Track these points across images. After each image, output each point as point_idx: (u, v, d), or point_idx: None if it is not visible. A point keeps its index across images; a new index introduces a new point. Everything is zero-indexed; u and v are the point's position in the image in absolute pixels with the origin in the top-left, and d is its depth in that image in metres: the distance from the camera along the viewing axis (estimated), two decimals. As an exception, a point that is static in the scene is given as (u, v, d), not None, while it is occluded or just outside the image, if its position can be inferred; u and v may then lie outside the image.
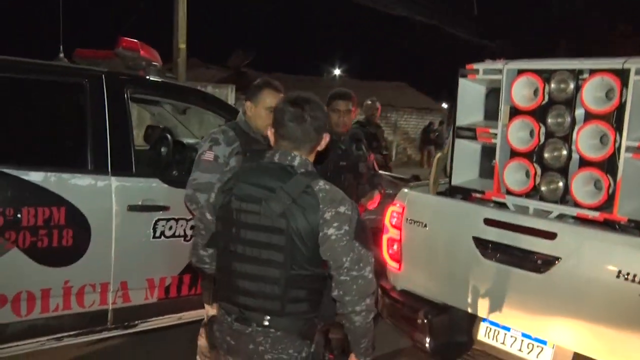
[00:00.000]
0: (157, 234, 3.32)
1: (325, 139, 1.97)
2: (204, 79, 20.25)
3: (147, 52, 3.53)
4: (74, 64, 3.59)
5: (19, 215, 2.86)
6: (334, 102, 3.50)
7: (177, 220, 3.38)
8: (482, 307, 2.92)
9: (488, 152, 3.12)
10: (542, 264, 2.62)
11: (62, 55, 3.68)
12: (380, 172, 4.14)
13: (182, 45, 9.64)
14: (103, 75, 3.21)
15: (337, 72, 27.38)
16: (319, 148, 1.98)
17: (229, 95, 12.21)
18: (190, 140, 4.98)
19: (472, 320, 3.02)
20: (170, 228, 3.38)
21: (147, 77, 3.52)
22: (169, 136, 4.75)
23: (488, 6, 16.85)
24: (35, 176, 2.93)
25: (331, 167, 3.40)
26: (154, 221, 3.30)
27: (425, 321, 3.10)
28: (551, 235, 2.59)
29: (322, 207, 1.82)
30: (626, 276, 2.35)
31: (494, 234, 2.81)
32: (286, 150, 1.92)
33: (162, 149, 4.74)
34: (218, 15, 33.49)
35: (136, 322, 3.35)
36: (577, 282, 2.51)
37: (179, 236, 3.41)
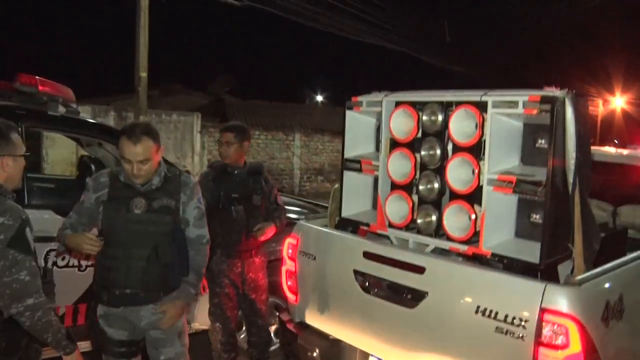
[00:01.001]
0: (49, 264, 3.27)
1: None
2: (184, 105, 20.31)
3: (48, 88, 3.52)
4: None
5: None
6: (220, 135, 3.56)
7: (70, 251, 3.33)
8: (367, 343, 2.87)
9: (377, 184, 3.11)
10: (412, 298, 2.58)
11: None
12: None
13: (143, 74, 9.66)
14: None
15: (319, 98, 27.54)
16: None
17: (194, 123, 12.26)
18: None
19: (363, 354, 2.96)
20: (63, 259, 3.34)
21: (46, 111, 3.49)
22: (92, 166, 4.73)
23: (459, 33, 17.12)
24: None
25: (223, 197, 3.40)
26: (45, 252, 3.26)
27: (315, 355, 3.05)
28: (420, 270, 2.56)
29: None
30: (483, 311, 2.31)
31: (372, 268, 2.78)
32: None
33: (87, 180, 4.70)
34: (201, 42, 33.82)
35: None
36: (442, 316, 2.47)
37: (73, 266, 3.37)
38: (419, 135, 2.75)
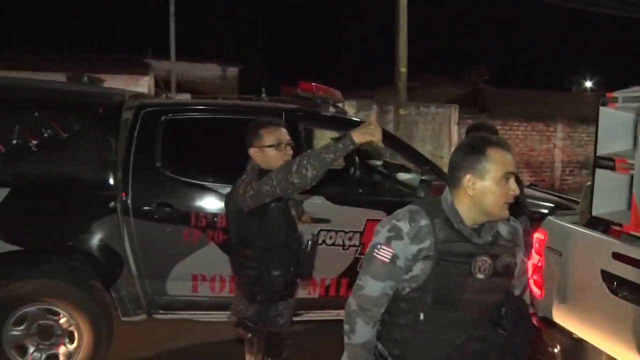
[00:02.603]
0: (319, 242, 3.90)
1: None
2: (442, 96, 20.67)
3: (322, 91, 4.15)
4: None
5: (215, 219, 3.72)
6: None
7: (336, 232, 3.91)
8: (613, 347, 2.79)
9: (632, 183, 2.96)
10: (664, 305, 2.45)
11: (264, 95, 4.56)
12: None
13: (403, 69, 10.28)
14: (283, 112, 3.93)
15: (588, 84, 25.09)
16: None
17: (452, 115, 12.48)
18: (377, 162, 5.54)
19: (609, 358, 2.89)
20: (331, 238, 3.92)
21: (319, 112, 4.14)
22: (356, 158, 5.39)
23: None
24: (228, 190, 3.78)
25: None
26: (317, 231, 3.89)
27: (557, 351, 3.07)
28: (676, 275, 2.41)
29: None
30: None
31: (621, 269, 2.69)
32: None
33: (351, 170, 5.42)
34: (461, 31, 33.60)
35: (301, 312, 3.89)
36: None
37: (338, 245, 3.94)
38: (682, 132, 2.55)
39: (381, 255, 1.82)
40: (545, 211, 4.09)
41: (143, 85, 14.15)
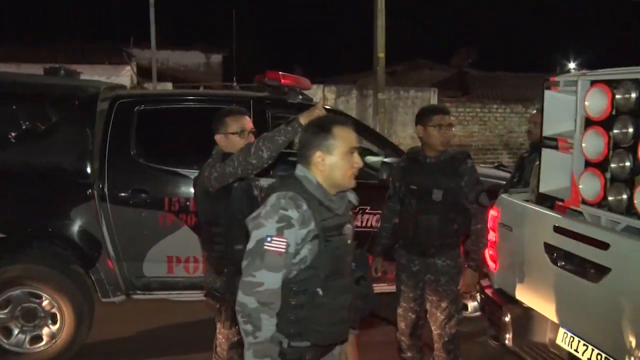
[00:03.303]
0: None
1: None
2: (427, 79, 20.84)
3: (288, 80, 4.33)
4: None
5: (188, 203, 3.90)
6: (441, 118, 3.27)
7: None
8: (555, 313, 3.02)
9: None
10: (595, 273, 2.68)
11: (235, 84, 4.74)
12: None
13: (381, 54, 10.43)
14: (251, 100, 4.11)
15: (571, 65, 25.31)
16: None
17: (431, 98, 12.67)
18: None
19: (553, 325, 3.13)
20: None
21: (286, 99, 4.32)
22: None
23: None
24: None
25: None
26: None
27: (507, 320, 3.30)
28: (604, 246, 2.64)
29: None
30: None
31: (561, 241, 2.92)
32: None
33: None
34: (447, 14, 33.67)
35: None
36: (624, 293, 2.53)
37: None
38: (613, 113, 2.76)
39: (275, 247, 1.86)
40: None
41: (125, 74, 14.17)
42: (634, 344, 2.47)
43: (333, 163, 1.99)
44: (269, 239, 1.87)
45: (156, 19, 12.69)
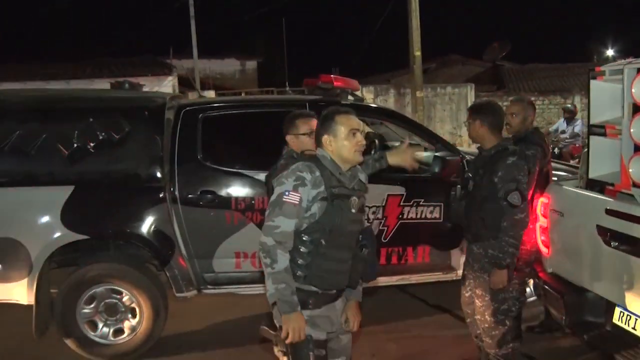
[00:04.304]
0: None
1: None
2: (460, 75, 20.81)
3: (340, 82, 4.56)
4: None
5: (252, 202, 4.18)
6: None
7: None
8: (611, 292, 3.16)
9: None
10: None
11: (287, 88, 5.00)
12: None
13: (417, 53, 10.58)
14: (307, 103, 4.36)
15: (609, 52, 24.84)
16: None
17: (468, 94, 12.74)
18: (395, 143, 5.95)
19: (609, 304, 3.27)
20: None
21: (339, 101, 4.55)
22: (376, 141, 5.80)
23: None
24: (262, 176, 4.23)
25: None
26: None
27: (562, 301, 3.45)
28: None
29: None
30: None
31: (614, 223, 3.06)
32: None
33: (372, 151, 5.84)
34: (478, 8, 33.40)
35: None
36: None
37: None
38: (660, 99, 2.89)
39: (291, 199, 2.36)
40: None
41: (167, 84, 14.68)
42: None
43: (339, 143, 2.46)
44: (287, 193, 2.37)
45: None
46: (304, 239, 2.42)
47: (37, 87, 10.03)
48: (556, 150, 9.97)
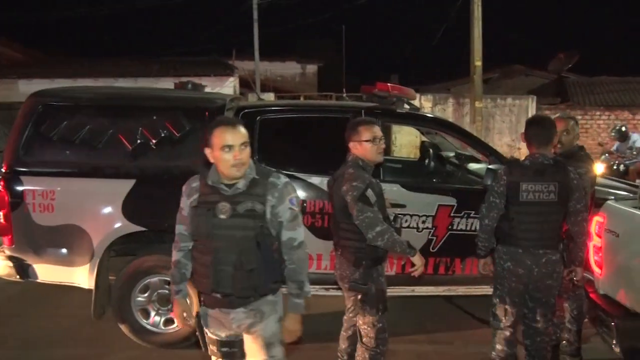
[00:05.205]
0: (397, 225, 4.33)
1: None
2: (523, 86, 20.28)
3: (397, 90, 4.60)
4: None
5: (304, 204, 4.27)
6: None
7: (411, 215, 4.33)
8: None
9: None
10: None
11: (344, 95, 5.07)
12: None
13: (478, 63, 10.44)
14: (362, 110, 4.41)
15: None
16: None
17: (529, 106, 12.44)
18: (450, 154, 5.93)
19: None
20: (406, 221, 4.33)
21: (395, 109, 4.58)
22: (430, 150, 5.80)
23: None
24: (315, 179, 4.31)
25: None
26: (393, 215, 4.33)
27: (613, 325, 3.36)
28: None
29: None
30: None
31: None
32: None
33: (426, 161, 5.85)
34: (545, 17, 32.45)
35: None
36: None
37: (412, 228, 4.36)
38: None
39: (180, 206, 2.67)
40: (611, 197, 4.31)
41: (229, 85, 15.04)
42: None
43: (215, 157, 2.50)
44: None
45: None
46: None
47: (107, 85, 10.53)
48: (622, 167, 9.54)
